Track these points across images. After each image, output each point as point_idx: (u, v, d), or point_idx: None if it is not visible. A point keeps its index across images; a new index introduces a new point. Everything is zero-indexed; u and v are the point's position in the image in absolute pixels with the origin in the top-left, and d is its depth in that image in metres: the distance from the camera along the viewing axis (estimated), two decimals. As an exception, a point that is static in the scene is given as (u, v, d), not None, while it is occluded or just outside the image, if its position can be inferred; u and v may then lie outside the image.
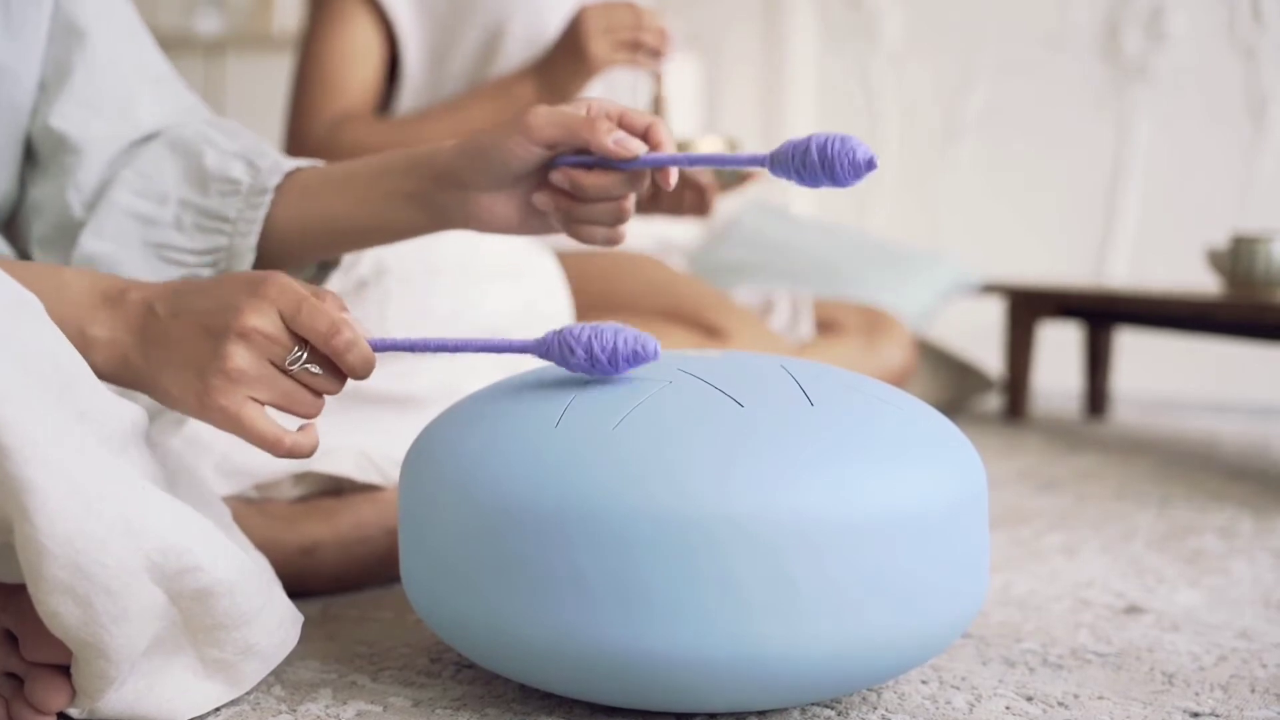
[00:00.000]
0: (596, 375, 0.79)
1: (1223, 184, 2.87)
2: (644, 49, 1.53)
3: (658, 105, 1.77)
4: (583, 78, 1.53)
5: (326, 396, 0.79)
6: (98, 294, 0.78)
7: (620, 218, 0.88)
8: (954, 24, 3.13)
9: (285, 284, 0.76)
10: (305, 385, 0.77)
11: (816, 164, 0.82)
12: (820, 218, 3.14)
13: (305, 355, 0.76)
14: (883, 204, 3.24)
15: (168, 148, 0.93)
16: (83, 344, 0.76)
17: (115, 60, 0.94)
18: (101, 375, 0.77)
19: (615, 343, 0.78)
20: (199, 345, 0.75)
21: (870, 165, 0.81)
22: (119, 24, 0.96)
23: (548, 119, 0.83)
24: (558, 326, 1.27)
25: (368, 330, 0.78)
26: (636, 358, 0.78)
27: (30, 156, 0.94)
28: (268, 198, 0.90)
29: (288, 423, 0.81)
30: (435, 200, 0.88)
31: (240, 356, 0.74)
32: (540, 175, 0.87)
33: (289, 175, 0.91)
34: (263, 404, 0.76)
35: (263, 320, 0.75)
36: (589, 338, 0.78)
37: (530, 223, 0.89)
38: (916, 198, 3.19)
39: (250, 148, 0.92)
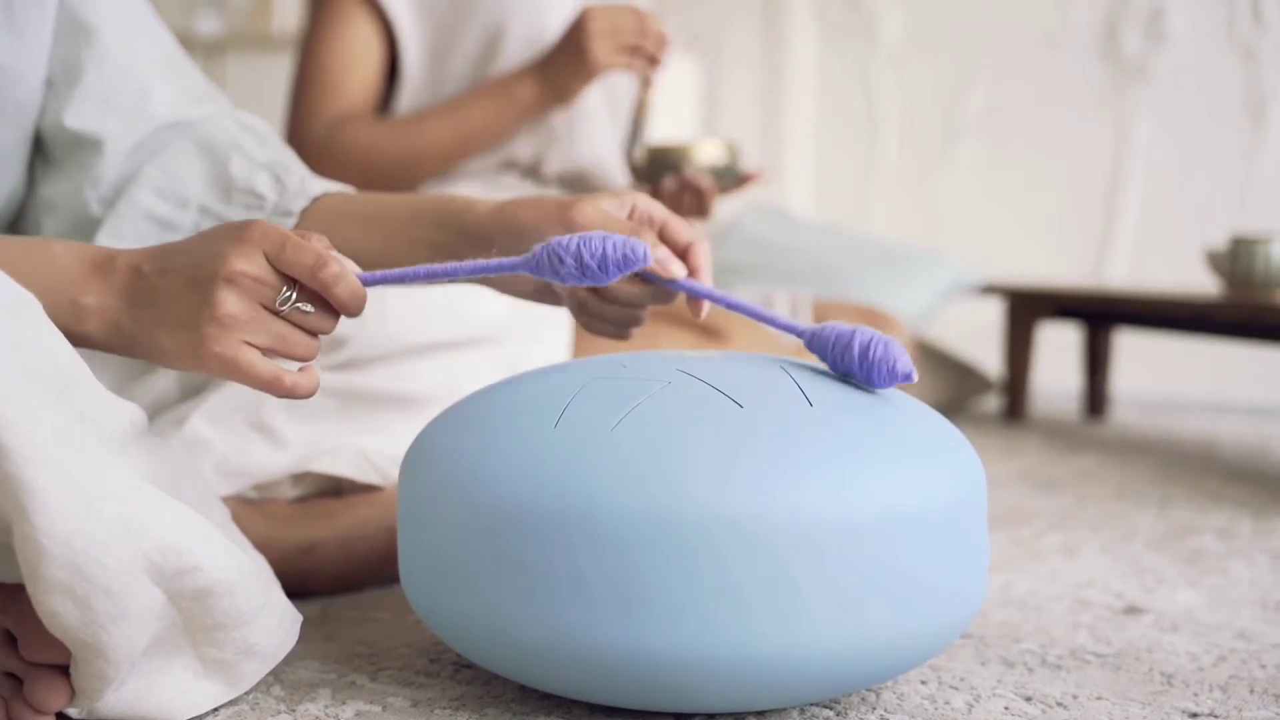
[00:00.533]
0: (588, 283, 0.79)
1: (1222, 184, 2.87)
2: (642, 54, 1.53)
3: (641, 109, 1.77)
4: (583, 79, 1.53)
5: (325, 393, 0.79)
6: (87, 263, 0.78)
7: (634, 323, 0.88)
8: (954, 24, 3.13)
9: (268, 227, 0.76)
10: (298, 326, 0.77)
11: (855, 360, 0.81)
12: (819, 219, 3.14)
13: (294, 295, 0.76)
14: (882, 204, 3.24)
15: (195, 145, 0.92)
16: (75, 314, 0.76)
17: (127, 55, 0.94)
18: (96, 344, 0.77)
19: (604, 248, 0.78)
20: (188, 297, 0.75)
21: (908, 378, 0.81)
22: (129, 18, 0.96)
23: (594, 219, 0.83)
24: (559, 328, 1.28)
25: (356, 268, 0.78)
26: (626, 261, 0.78)
27: (41, 155, 0.94)
28: (292, 220, 0.90)
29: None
30: (459, 256, 0.87)
31: (230, 302, 0.74)
32: None
33: (314, 200, 0.91)
34: (258, 348, 0.76)
35: (248, 264, 0.74)
36: (578, 245, 0.78)
37: (543, 297, 0.89)
38: (916, 198, 3.19)
39: (278, 161, 0.92)
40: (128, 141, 0.92)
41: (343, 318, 0.79)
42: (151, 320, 0.76)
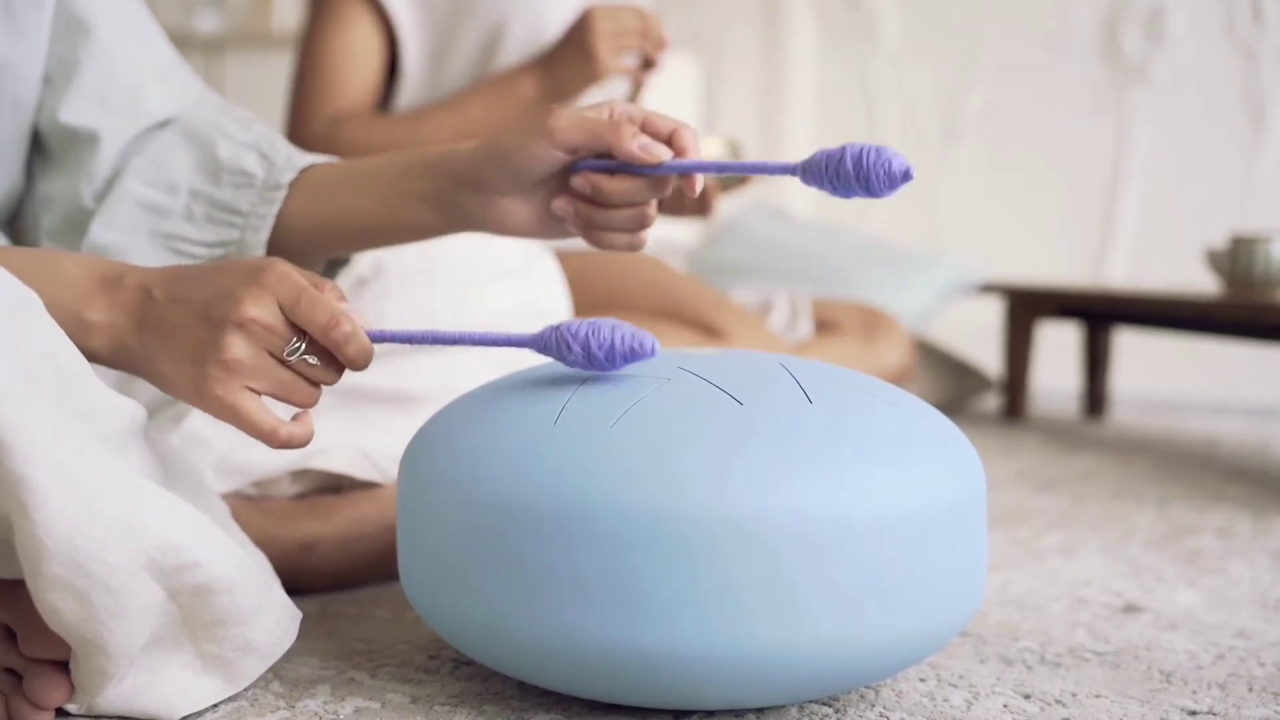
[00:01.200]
0: (593, 371, 0.79)
1: (1222, 184, 2.87)
2: (640, 54, 1.53)
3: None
4: (587, 81, 1.53)
5: (324, 390, 0.79)
6: (95, 278, 0.77)
7: (642, 223, 0.87)
8: (953, 25, 3.13)
9: (284, 273, 0.76)
10: (302, 376, 0.77)
11: (851, 174, 0.81)
12: (819, 219, 3.14)
13: (303, 346, 0.76)
14: (882, 205, 3.24)
15: (180, 135, 0.92)
16: (80, 328, 0.76)
17: (123, 52, 0.94)
18: (100, 359, 0.77)
19: (613, 339, 0.77)
20: (196, 333, 0.74)
21: (906, 176, 0.81)
22: (125, 16, 0.96)
23: (571, 123, 0.82)
24: (554, 321, 1.28)
25: (367, 322, 0.78)
26: (634, 354, 0.77)
27: (39, 151, 0.94)
28: (281, 193, 0.89)
29: (283, 412, 0.81)
30: (453, 201, 0.87)
31: (238, 347, 0.74)
32: (560, 180, 0.86)
33: (302, 171, 0.91)
34: (259, 394, 0.76)
35: (261, 310, 0.74)
36: (586, 334, 0.78)
37: (548, 227, 0.88)
38: (916, 199, 3.19)
39: (263, 139, 0.92)
40: (123, 139, 0.92)
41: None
42: (156, 346, 0.76)
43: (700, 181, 0.84)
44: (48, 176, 0.93)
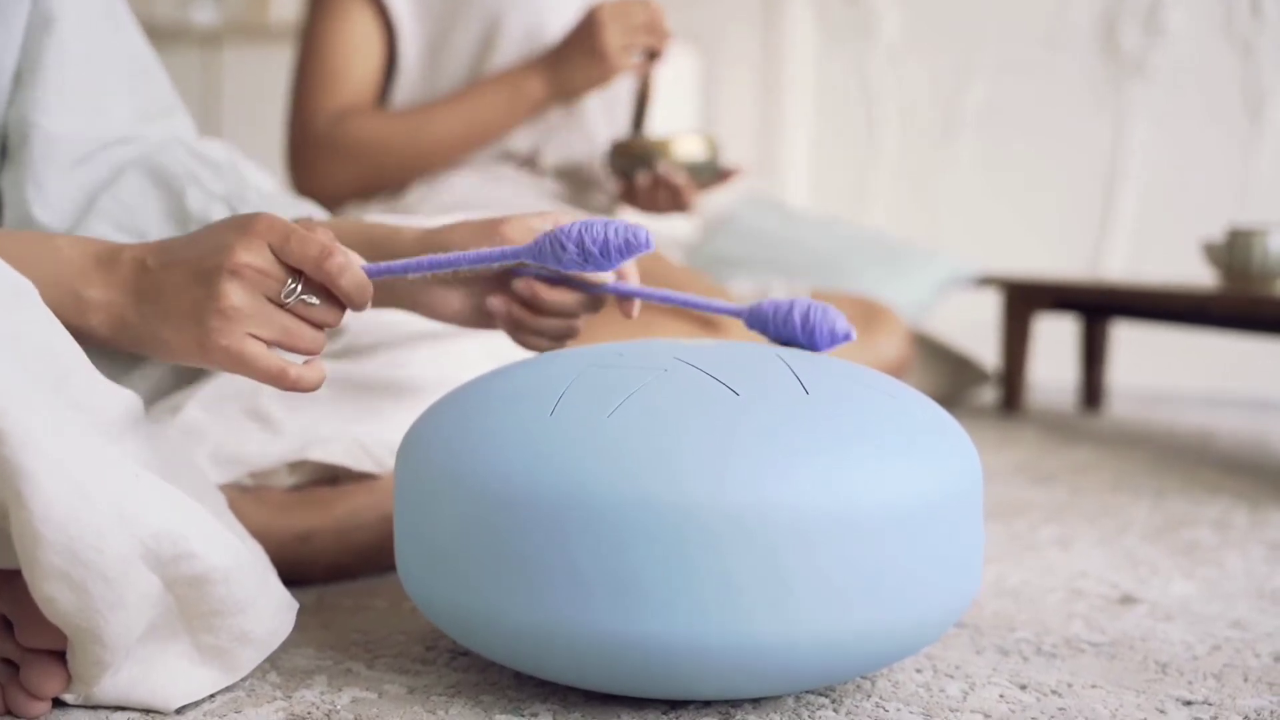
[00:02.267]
0: (590, 269, 0.80)
1: (1220, 180, 2.87)
2: (645, 48, 1.53)
3: (643, 101, 1.77)
4: (597, 81, 1.53)
5: (321, 390, 0.80)
6: (91, 257, 0.78)
7: (569, 334, 0.90)
8: (952, 21, 3.13)
9: (272, 218, 0.76)
10: (303, 318, 0.77)
11: (797, 327, 0.87)
12: (817, 211, 3.14)
13: (300, 286, 0.76)
14: (880, 201, 3.24)
15: (150, 179, 0.92)
16: (79, 307, 0.76)
17: (88, 51, 0.93)
18: (101, 338, 0.77)
19: (606, 234, 0.79)
20: (193, 291, 0.75)
21: (847, 337, 0.87)
22: (94, 13, 0.94)
23: (521, 236, 0.85)
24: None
25: (360, 259, 0.79)
26: (629, 247, 0.79)
27: (2, 147, 0.94)
28: None
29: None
30: (387, 284, 0.89)
31: (235, 294, 0.74)
32: (499, 278, 0.88)
33: None
34: (263, 341, 0.76)
35: (253, 255, 0.75)
36: (579, 232, 0.79)
37: (480, 320, 0.91)
38: (915, 195, 3.19)
39: (233, 192, 0.92)
40: (77, 149, 0.92)
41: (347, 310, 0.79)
42: (156, 314, 0.76)
43: (638, 307, 0.89)
44: (4, 172, 0.93)
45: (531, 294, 0.86)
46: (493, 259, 0.81)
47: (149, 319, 0.76)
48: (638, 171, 1.61)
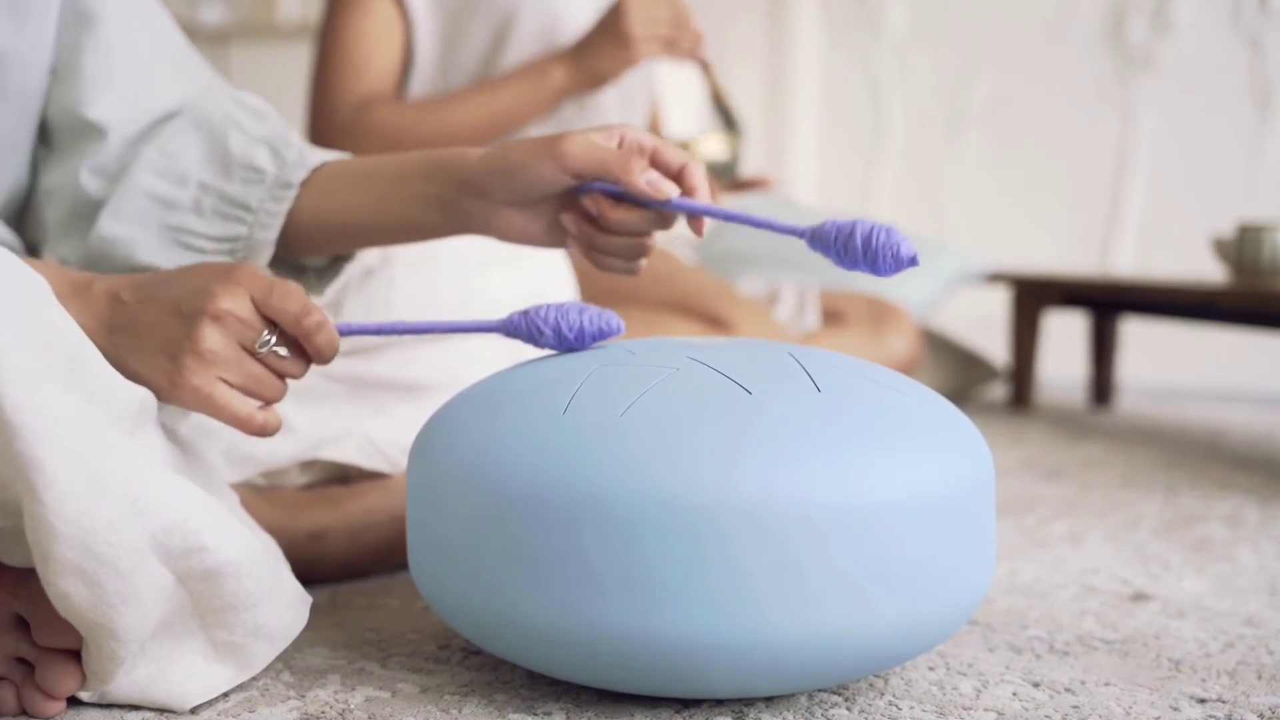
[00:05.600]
0: (565, 350, 0.84)
1: (1228, 173, 2.87)
2: (679, 48, 1.55)
3: (718, 97, 1.77)
4: (622, 65, 1.54)
5: (333, 380, 0.80)
6: (65, 284, 0.79)
7: (640, 253, 0.88)
8: (958, 15, 3.13)
9: (254, 271, 0.79)
10: (272, 369, 0.80)
11: (859, 250, 0.82)
12: (826, 209, 3.14)
13: (274, 338, 0.79)
14: (887, 195, 3.23)
15: (191, 124, 0.92)
16: None
17: (128, 41, 0.94)
18: None
19: (581, 322, 0.83)
20: (171, 328, 0.77)
21: (913, 262, 0.81)
22: (132, 6, 0.95)
23: (582, 150, 0.83)
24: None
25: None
26: (601, 334, 0.83)
27: (45, 143, 0.94)
28: (292, 192, 0.90)
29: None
30: (458, 206, 0.88)
31: (213, 338, 0.77)
32: (569, 195, 0.87)
33: (313, 170, 0.91)
34: (230, 386, 0.78)
35: (236, 304, 0.77)
36: (556, 318, 0.83)
37: (553, 238, 0.89)
38: (921, 189, 3.19)
39: (276, 134, 0.92)
40: (130, 130, 0.92)
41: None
42: (127, 346, 0.78)
43: (708, 222, 0.86)
44: (50, 168, 0.93)
45: (598, 211, 0.86)
46: (468, 330, 0.85)
47: (120, 350, 0.78)
48: None
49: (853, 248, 0.82)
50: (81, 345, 0.70)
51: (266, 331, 0.78)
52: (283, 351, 0.79)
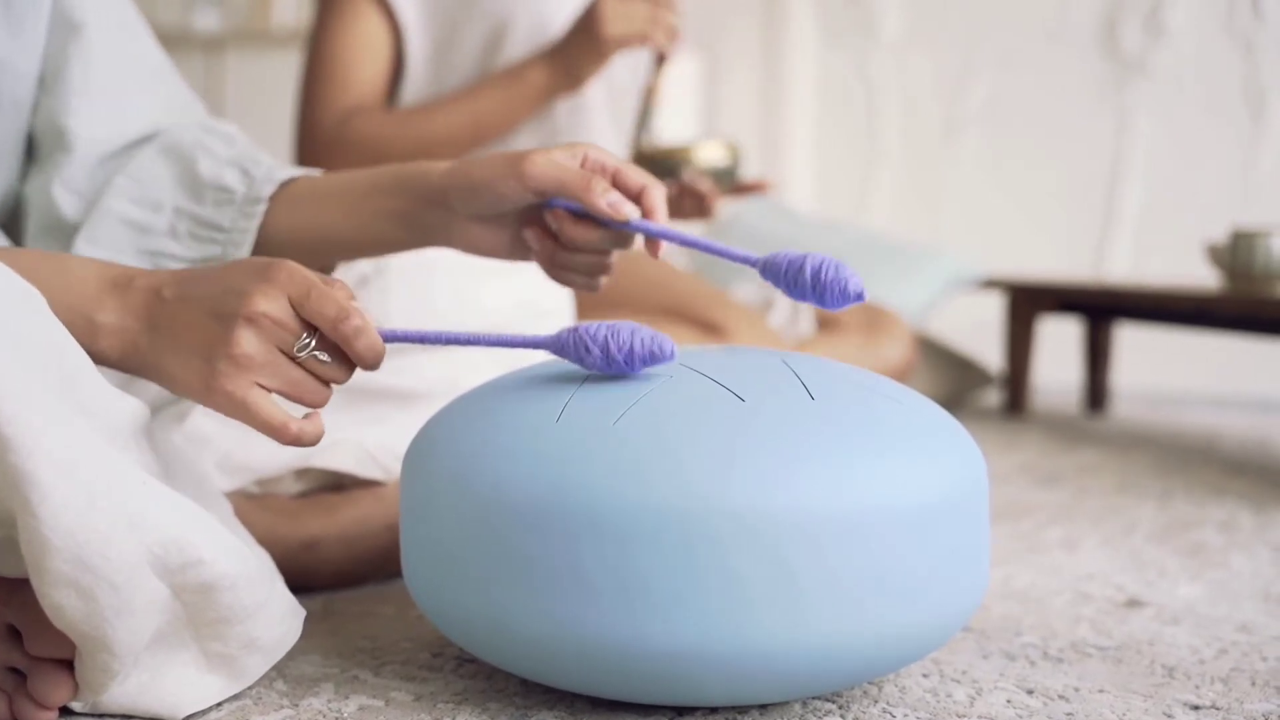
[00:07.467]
0: (612, 372, 0.79)
1: (1222, 178, 2.87)
2: (652, 44, 1.54)
3: (650, 98, 1.77)
4: (595, 61, 1.54)
5: (332, 388, 0.79)
6: (105, 281, 0.77)
7: (599, 270, 0.90)
8: (953, 18, 3.13)
9: (294, 270, 0.76)
10: (313, 373, 0.77)
11: (808, 284, 0.84)
12: (820, 213, 3.14)
13: (314, 342, 0.76)
14: (883, 199, 3.24)
15: (161, 153, 0.92)
16: (91, 331, 0.76)
17: (110, 55, 0.94)
18: (109, 362, 0.77)
19: (632, 343, 0.78)
20: (206, 330, 0.74)
21: (859, 297, 0.84)
22: (116, 19, 0.95)
23: (544, 168, 0.84)
24: (563, 322, 1.28)
25: (377, 320, 0.78)
26: (653, 358, 0.78)
27: (30, 152, 0.94)
28: (261, 207, 0.90)
29: (293, 412, 0.81)
30: (421, 220, 0.88)
31: (248, 341, 0.74)
32: (533, 210, 0.88)
33: (282, 185, 0.91)
34: (269, 391, 0.76)
35: (272, 305, 0.74)
36: (606, 337, 0.78)
37: (517, 252, 0.90)
38: (917, 193, 3.19)
39: (244, 155, 0.92)
40: (102, 148, 0.92)
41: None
42: (165, 345, 0.76)
43: (664, 245, 0.87)
44: (30, 177, 0.93)
45: (559, 227, 0.86)
46: (514, 344, 0.81)
47: (158, 348, 0.76)
48: (664, 181, 1.62)
49: (802, 281, 0.84)
50: (76, 358, 0.70)
51: (305, 334, 0.75)
52: (323, 356, 0.76)
